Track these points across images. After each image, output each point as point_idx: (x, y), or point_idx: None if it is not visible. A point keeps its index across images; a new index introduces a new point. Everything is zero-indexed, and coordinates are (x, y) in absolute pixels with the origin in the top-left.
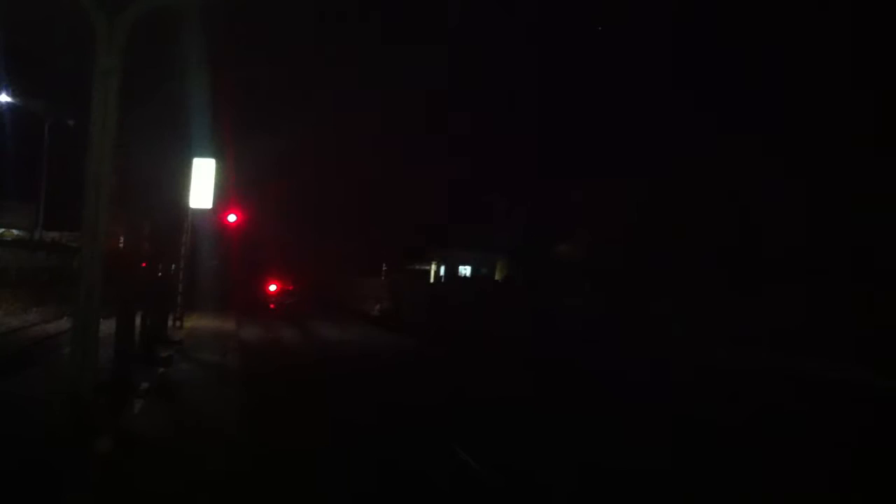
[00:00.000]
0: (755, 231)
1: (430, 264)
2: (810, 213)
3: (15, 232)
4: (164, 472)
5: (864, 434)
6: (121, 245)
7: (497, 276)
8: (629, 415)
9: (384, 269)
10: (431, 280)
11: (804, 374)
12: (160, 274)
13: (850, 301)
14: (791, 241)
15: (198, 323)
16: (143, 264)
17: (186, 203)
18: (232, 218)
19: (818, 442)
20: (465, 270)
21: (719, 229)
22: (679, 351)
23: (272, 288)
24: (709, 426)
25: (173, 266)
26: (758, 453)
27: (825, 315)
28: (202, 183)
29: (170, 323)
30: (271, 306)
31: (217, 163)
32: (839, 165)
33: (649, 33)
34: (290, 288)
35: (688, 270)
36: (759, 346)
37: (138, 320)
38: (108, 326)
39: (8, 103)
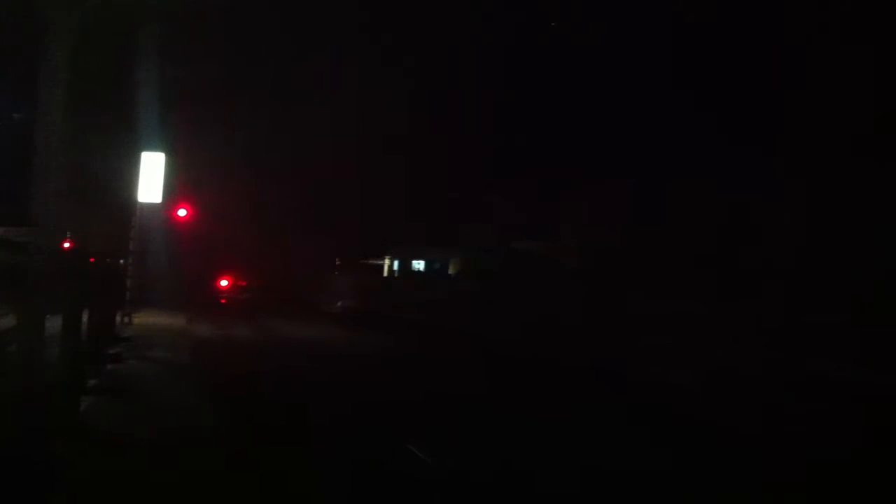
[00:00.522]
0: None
1: (383, 259)
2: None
3: None
4: (114, 468)
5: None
6: (68, 240)
7: (451, 271)
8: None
9: (337, 263)
10: (385, 274)
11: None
12: (109, 269)
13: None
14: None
15: (148, 319)
16: (91, 259)
17: (135, 198)
18: (182, 213)
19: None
20: (418, 265)
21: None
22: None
23: (223, 283)
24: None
25: (122, 261)
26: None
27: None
28: (151, 177)
29: (119, 319)
30: (222, 301)
31: (167, 157)
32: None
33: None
34: (243, 283)
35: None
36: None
37: (86, 317)
38: (55, 324)
39: None
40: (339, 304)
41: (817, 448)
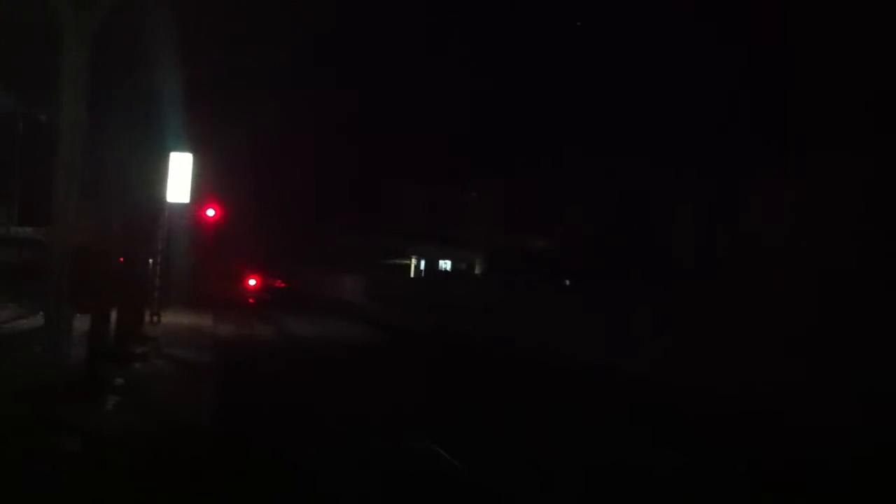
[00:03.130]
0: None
1: (408, 259)
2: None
3: None
4: (139, 465)
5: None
6: (96, 241)
7: (477, 271)
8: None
9: (362, 264)
10: (412, 275)
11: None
12: (136, 269)
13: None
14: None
15: (174, 319)
16: (121, 259)
17: (163, 198)
18: (210, 213)
19: None
20: (444, 265)
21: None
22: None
23: (251, 283)
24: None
25: (150, 261)
26: None
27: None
28: (179, 177)
29: (146, 319)
30: (250, 301)
31: (194, 157)
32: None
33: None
34: (270, 284)
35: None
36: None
37: (114, 316)
38: (83, 323)
39: None
40: (366, 304)
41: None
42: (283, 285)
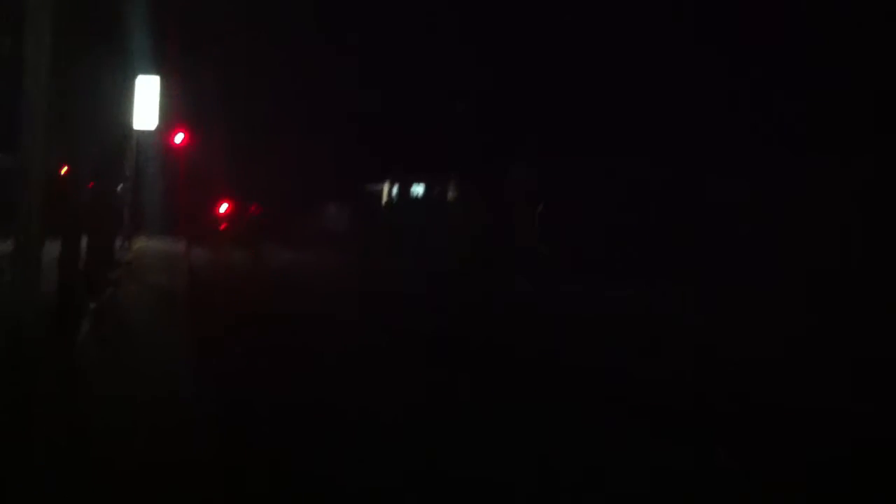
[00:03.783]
0: None
1: (382, 185)
2: None
3: None
4: (118, 386)
5: None
6: (65, 166)
7: (451, 198)
8: None
9: (338, 190)
10: (384, 201)
11: None
12: (106, 196)
13: None
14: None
15: (146, 245)
16: (90, 185)
17: (131, 123)
18: (179, 138)
19: None
20: (418, 190)
21: None
22: None
23: (222, 209)
24: None
25: (119, 187)
26: None
27: None
28: (146, 102)
29: (118, 245)
30: (221, 227)
31: (162, 80)
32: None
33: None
34: (244, 210)
35: None
36: None
37: (84, 242)
38: (54, 249)
39: None
40: (338, 231)
41: None
42: (258, 212)
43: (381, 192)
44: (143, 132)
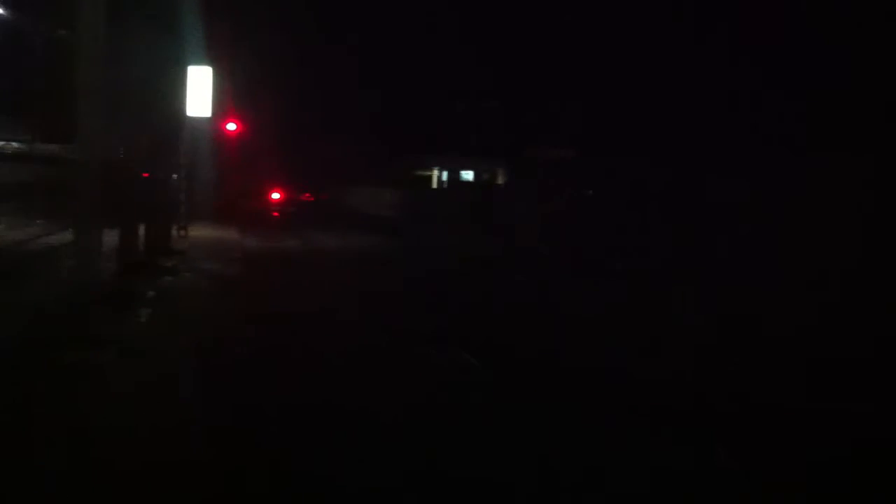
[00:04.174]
0: None
1: (430, 171)
2: None
3: (15, 145)
4: (174, 377)
5: None
6: (121, 156)
7: (500, 182)
8: None
9: (388, 177)
10: (434, 186)
11: None
12: (162, 184)
13: None
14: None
15: (201, 233)
16: (146, 175)
17: (184, 112)
18: (231, 126)
19: None
20: (467, 176)
21: None
22: None
23: (275, 196)
24: None
25: (175, 176)
26: None
27: None
28: (199, 91)
29: (173, 233)
30: (275, 214)
31: (214, 70)
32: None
33: None
34: (296, 197)
35: None
36: None
37: (142, 231)
38: (112, 238)
39: None
40: (392, 217)
41: None
42: (311, 199)
43: (430, 177)
44: (196, 121)
